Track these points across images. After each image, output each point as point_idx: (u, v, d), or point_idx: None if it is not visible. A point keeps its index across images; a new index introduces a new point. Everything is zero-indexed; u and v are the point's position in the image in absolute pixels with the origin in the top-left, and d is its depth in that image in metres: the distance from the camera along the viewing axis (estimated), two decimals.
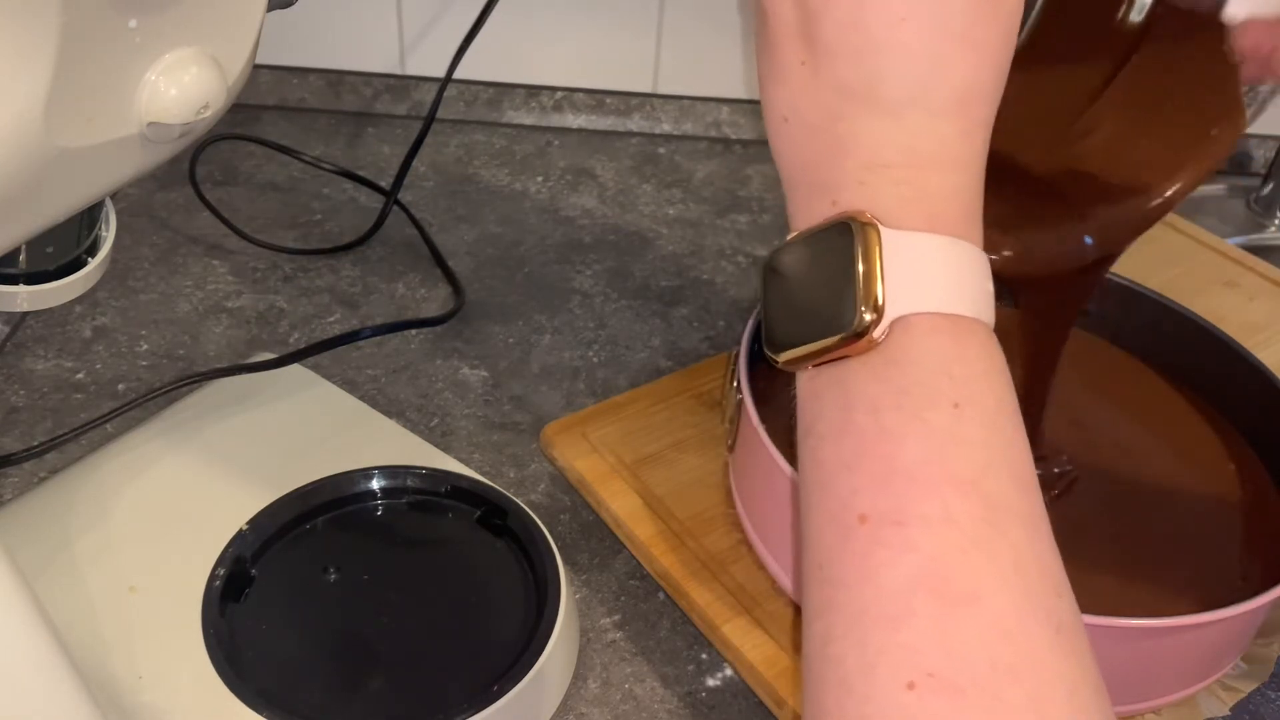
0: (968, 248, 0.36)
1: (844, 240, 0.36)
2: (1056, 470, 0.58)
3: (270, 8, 0.44)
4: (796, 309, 0.38)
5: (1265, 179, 0.92)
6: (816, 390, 0.37)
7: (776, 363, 0.38)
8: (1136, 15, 0.53)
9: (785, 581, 0.53)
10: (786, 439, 0.51)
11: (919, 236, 0.35)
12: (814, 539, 0.35)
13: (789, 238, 0.38)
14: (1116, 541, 0.55)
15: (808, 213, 0.38)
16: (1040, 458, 0.57)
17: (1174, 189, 0.53)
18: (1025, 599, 0.32)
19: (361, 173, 0.86)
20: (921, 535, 0.32)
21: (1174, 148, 0.52)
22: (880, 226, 0.35)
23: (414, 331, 0.73)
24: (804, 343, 0.37)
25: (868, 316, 0.35)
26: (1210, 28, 0.48)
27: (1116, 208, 0.53)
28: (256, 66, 0.44)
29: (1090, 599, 0.45)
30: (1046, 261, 0.52)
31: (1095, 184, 0.53)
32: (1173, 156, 0.53)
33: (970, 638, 0.31)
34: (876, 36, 0.36)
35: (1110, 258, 0.53)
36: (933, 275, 0.35)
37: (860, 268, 0.35)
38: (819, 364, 0.37)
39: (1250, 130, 0.99)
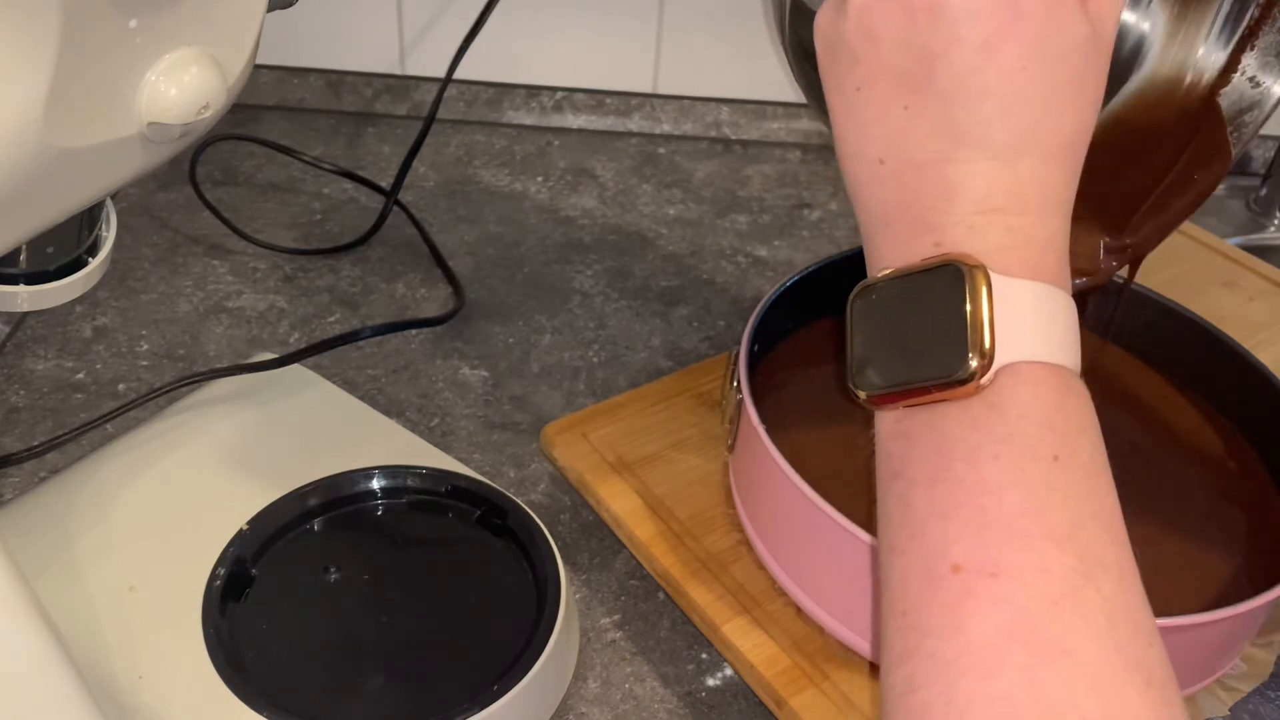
0: (1065, 297, 0.36)
1: (951, 282, 0.35)
2: None
3: (270, 8, 0.44)
4: (893, 347, 0.37)
5: (1265, 179, 0.92)
6: (906, 431, 0.37)
7: (859, 398, 0.38)
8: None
9: (785, 581, 0.53)
10: (786, 439, 0.52)
11: (1026, 284, 0.35)
12: (899, 585, 0.35)
13: (883, 274, 0.38)
14: None
15: (904, 251, 0.38)
16: None
17: (1151, 232, 0.55)
18: (1116, 652, 0.32)
19: (361, 173, 0.86)
20: (1015, 587, 0.32)
21: (1156, 191, 0.53)
22: (990, 272, 0.35)
23: (414, 331, 0.73)
24: (900, 382, 0.36)
25: (975, 362, 0.34)
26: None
27: (1097, 245, 0.55)
28: (256, 66, 0.44)
29: None
30: None
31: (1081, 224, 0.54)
32: (1153, 200, 0.54)
33: (1061, 690, 0.31)
34: (993, 83, 0.35)
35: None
36: (1037, 324, 0.35)
37: (970, 312, 0.35)
38: (911, 404, 0.36)
39: None
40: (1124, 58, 0.54)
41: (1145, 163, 0.55)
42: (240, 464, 0.58)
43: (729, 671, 0.54)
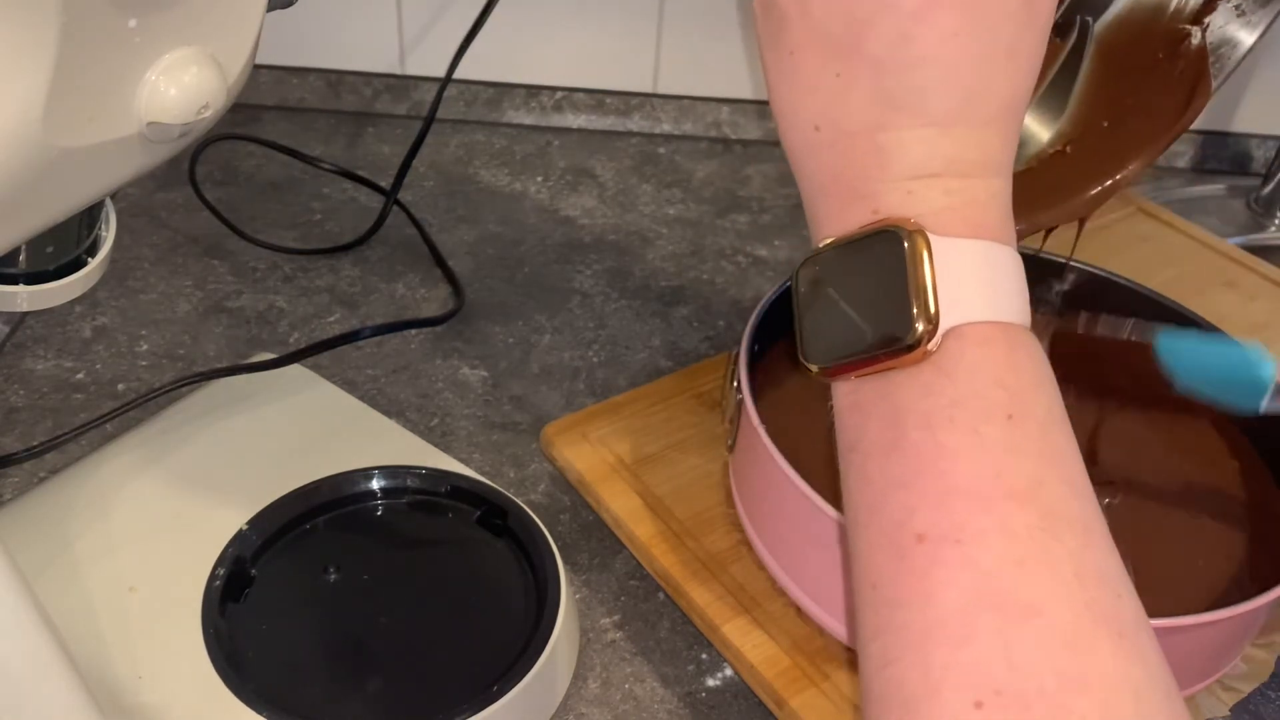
0: (1009, 252, 0.36)
1: (891, 248, 0.35)
2: None
3: (270, 8, 0.44)
4: (837, 318, 0.37)
5: (1265, 179, 0.92)
6: (859, 402, 0.36)
7: (811, 372, 0.38)
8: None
9: (785, 581, 0.53)
10: (786, 439, 0.51)
11: (968, 243, 0.35)
12: (866, 558, 0.35)
13: (822, 244, 0.37)
14: (1117, 541, 0.55)
15: (843, 219, 0.37)
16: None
17: (1129, 172, 0.54)
18: (1086, 607, 0.32)
19: (361, 173, 0.86)
20: (980, 551, 0.32)
21: (1145, 127, 0.53)
22: (930, 234, 0.35)
23: (414, 331, 0.73)
24: (847, 353, 0.36)
25: (921, 327, 0.34)
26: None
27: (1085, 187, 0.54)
28: (256, 66, 0.44)
29: None
30: None
31: (1071, 166, 0.53)
32: (1142, 135, 0.53)
33: (1034, 651, 0.31)
34: (926, 51, 0.35)
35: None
36: (981, 283, 0.35)
37: (912, 277, 0.34)
38: (862, 374, 0.36)
39: (1250, 130, 0.99)
40: None
41: (1128, 95, 0.54)
42: (240, 464, 0.58)
43: (729, 672, 0.54)
